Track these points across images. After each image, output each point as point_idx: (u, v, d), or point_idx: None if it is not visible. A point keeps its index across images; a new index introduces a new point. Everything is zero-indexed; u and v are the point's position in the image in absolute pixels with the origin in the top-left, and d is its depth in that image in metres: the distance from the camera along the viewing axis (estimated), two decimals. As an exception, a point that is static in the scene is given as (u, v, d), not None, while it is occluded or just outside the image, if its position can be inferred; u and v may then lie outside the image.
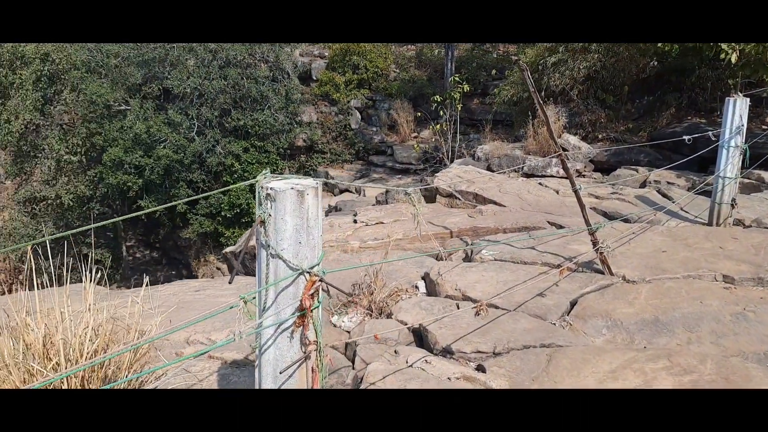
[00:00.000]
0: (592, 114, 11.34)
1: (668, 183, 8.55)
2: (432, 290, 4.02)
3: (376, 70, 15.54)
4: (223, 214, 11.81)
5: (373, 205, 7.94)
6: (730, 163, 5.35)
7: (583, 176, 9.94)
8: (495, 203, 6.25)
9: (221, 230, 12.07)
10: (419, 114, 13.75)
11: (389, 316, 3.59)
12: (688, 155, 9.79)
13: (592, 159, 10.30)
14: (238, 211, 11.82)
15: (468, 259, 4.58)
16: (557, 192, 7.02)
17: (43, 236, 10.96)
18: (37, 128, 12.08)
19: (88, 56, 11.57)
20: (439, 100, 11.43)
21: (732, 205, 5.43)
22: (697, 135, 5.71)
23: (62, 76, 11.98)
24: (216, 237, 12.31)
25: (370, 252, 4.88)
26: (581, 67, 11.05)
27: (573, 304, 3.47)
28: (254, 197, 12.41)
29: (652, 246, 4.35)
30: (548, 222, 5.56)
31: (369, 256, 4.66)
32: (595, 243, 3.87)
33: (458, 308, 3.43)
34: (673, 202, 6.12)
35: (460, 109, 11.74)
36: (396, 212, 5.93)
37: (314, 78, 15.58)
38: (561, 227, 5.34)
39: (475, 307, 2.65)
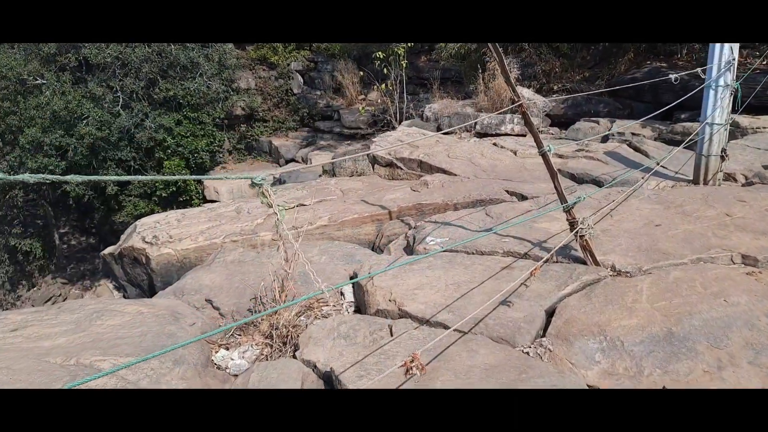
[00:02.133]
0: (546, 64, 10.42)
1: (633, 134, 7.75)
2: (360, 299, 2.99)
3: (315, 28, 14.15)
4: (158, 193, 10.62)
5: (319, 176, 6.80)
6: (719, 107, 4.44)
7: (540, 132, 9.01)
8: (444, 171, 5.21)
9: (157, 211, 10.81)
10: (362, 74, 12.58)
11: (296, 348, 2.54)
12: (651, 102, 9.00)
13: (548, 113, 9.40)
14: (174, 189, 10.66)
15: (410, 249, 3.55)
16: (515, 153, 6.04)
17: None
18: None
19: (-7, 25, 10.04)
20: (381, 56, 10.29)
21: (722, 157, 4.55)
22: (684, 73, 4.75)
23: (-33, 50, 10.46)
24: (153, 218, 11.11)
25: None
26: (533, 12, 10.01)
27: (550, 314, 2.49)
28: (190, 172, 11.17)
29: (640, 218, 3.41)
30: (507, 191, 4.57)
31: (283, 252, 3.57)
32: (573, 224, 2.89)
33: (392, 334, 2.40)
34: (652, 159, 5.22)
35: (405, 66, 10.63)
36: (321, 190, 4.79)
37: (250, 40, 14.14)
38: (524, 197, 4.36)
39: (403, 365, 1.65)
